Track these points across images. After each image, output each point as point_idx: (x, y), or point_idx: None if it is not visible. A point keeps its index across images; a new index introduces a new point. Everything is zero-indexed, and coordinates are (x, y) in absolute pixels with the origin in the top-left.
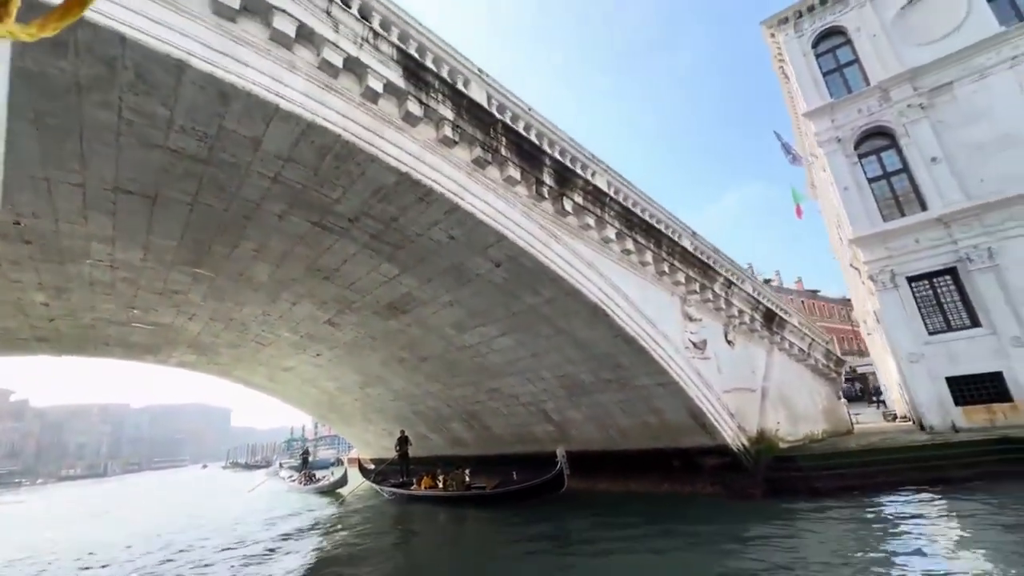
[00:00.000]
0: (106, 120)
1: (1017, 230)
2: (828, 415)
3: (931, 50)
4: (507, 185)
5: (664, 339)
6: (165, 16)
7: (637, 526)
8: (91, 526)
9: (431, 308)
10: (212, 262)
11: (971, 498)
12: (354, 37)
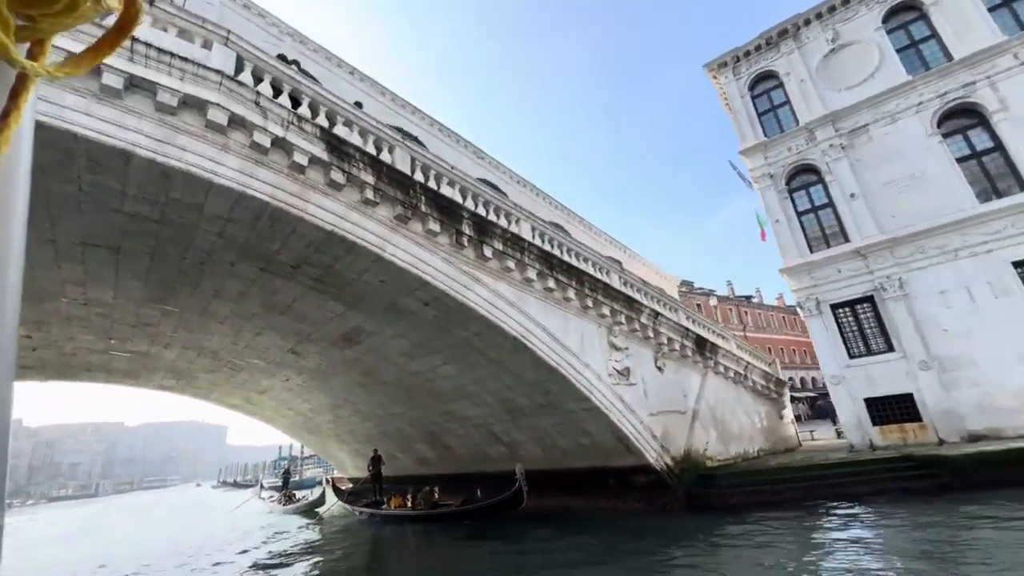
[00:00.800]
0: (69, 191)
1: (924, 262)
2: (768, 434)
3: (850, 95)
4: (428, 236)
5: (586, 368)
6: (114, 115)
7: (558, 539)
8: (64, 549)
9: (380, 339)
10: (177, 300)
11: (858, 512)
12: (281, 121)
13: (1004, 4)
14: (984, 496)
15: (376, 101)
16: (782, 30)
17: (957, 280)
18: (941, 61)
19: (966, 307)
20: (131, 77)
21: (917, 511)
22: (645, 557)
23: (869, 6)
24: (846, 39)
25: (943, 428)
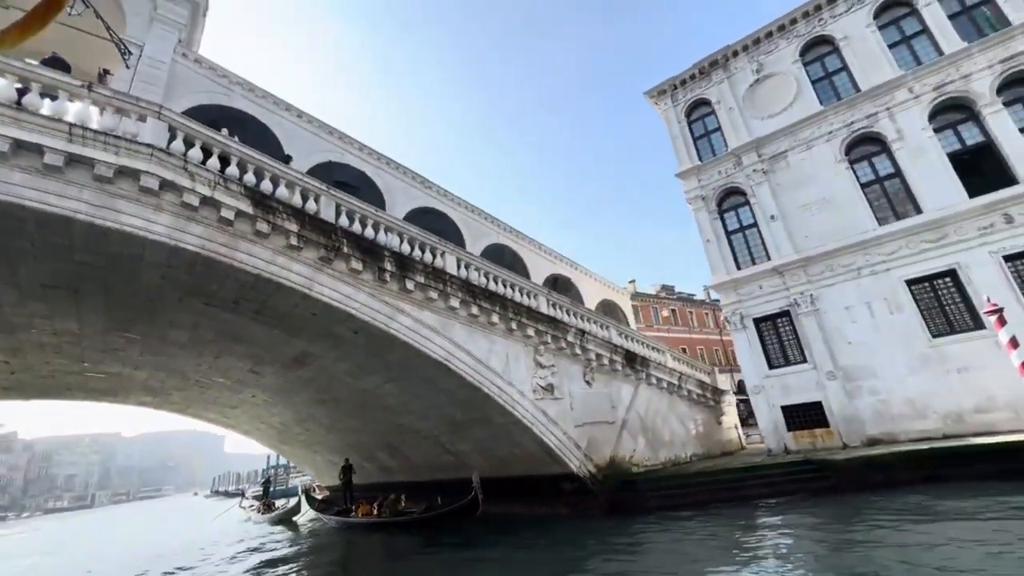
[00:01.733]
0: (23, 246)
1: (832, 279)
2: (704, 439)
3: (772, 123)
4: (352, 274)
5: (509, 385)
6: (56, 187)
7: (494, 544)
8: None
9: (326, 361)
10: (138, 328)
11: (754, 512)
12: (208, 182)
13: (903, 41)
14: (864, 496)
15: (323, 140)
16: (713, 60)
17: (860, 296)
18: (851, 92)
19: (867, 322)
20: (70, 155)
21: (804, 510)
22: (543, 554)
23: (788, 40)
24: (768, 70)
25: (847, 433)
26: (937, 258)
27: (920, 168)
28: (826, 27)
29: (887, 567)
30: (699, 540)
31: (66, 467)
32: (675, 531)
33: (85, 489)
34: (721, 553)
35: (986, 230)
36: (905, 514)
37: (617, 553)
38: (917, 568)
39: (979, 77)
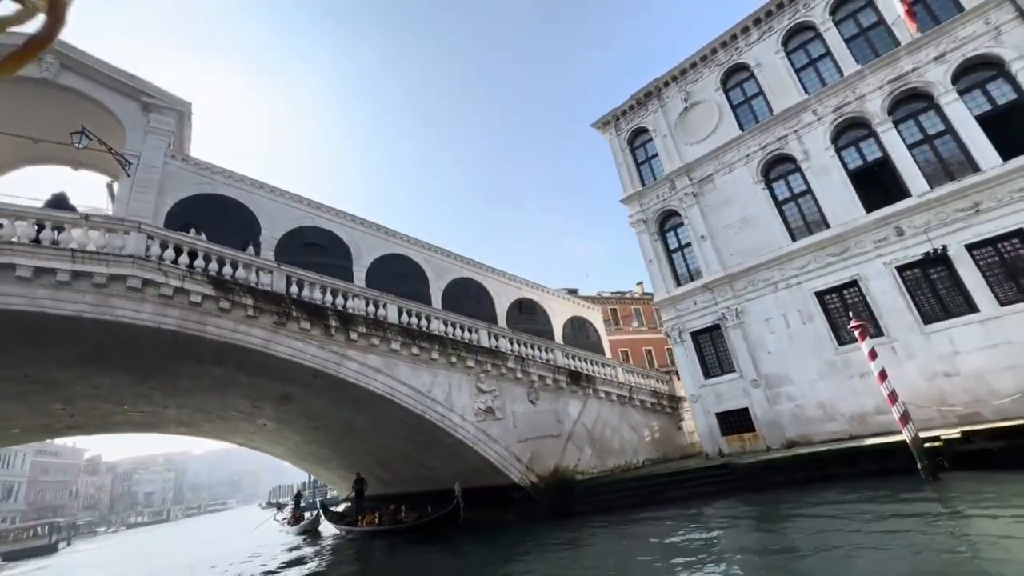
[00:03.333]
0: (54, 338)
1: (754, 294)
2: (660, 444)
3: (700, 148)
4: (303, 332)
5: (450, 412)
6: (66, 295)
7: (460, 545)
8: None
9: (304, 399)
10: (154, 380)
11: (669, 512)
12: (179, 276)
13: (810, 64)
14: (766, 494)
15: (294, 208)
16: (648, 91)
17: (777, 309)
18: (767, 116)
19: (784, 332)
20: (74, 272)
21: (712, 510)
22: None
23: (711, 68)
24: (695, 98)
25: (769, 436)
26: (841, 270)
27: (825, 186)
28: (742, 55)
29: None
30: (614, 538)
31: (144, 485)
32: (600, 532)
33: (162, 504)
34: (627, 547)
35: (881, 243)
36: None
37: (545, 550)
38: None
39: (872, 97)
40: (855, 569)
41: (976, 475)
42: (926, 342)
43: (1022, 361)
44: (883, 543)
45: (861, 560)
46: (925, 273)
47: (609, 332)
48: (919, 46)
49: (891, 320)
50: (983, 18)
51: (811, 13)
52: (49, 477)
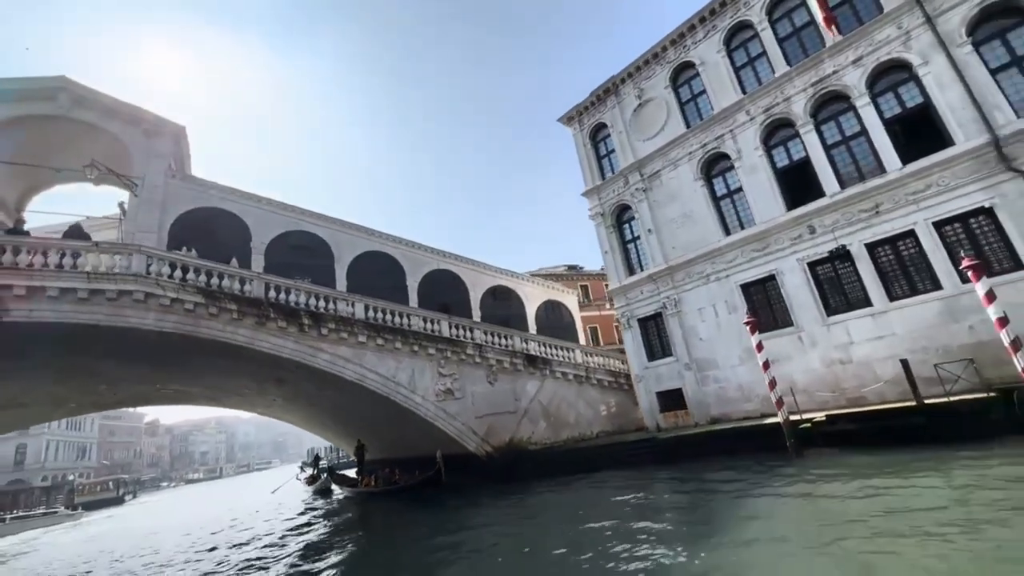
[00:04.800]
0: (88, 340)
1: (690, 285)
2: (616, 419)
3: (650, 144)
4: (280, 330)
5: (412, 393)
6: (87, 308)
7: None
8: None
9: (295, 382)
10: (170, 367)
11: (597, 476)
12: (174, 288)
13: (749, 63)
14: (679, 464)
15: (281, 215)
16: (606, 88)
17: (708, 299)
18: (710, 114)
19: (712, 321)
20: (90, 290)
21: (629, 476)
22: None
23: (662, 66)
24: (648, 95)
25: (697, 414)
26: (762, 265)
27: (753, 184)
28: (689, 53)
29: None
30: (550, 494)
31: (199, 445)
32: (540, 490)
33: (215, 463)
34: (555, 500)
35: (796, 240)
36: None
37: (496, 505)
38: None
39: (797, 99)
40: (717, 514)
41: (835, 452)
42: (827, 332)
43: (901, 351)
44: (747, 493)
45: (725, 507)
46: (831, 269)
47: (582, 309)
48: (840, 49)
49: (800, 312)
50: (896, 22)
51: (750, 12)
52: (116, 439)
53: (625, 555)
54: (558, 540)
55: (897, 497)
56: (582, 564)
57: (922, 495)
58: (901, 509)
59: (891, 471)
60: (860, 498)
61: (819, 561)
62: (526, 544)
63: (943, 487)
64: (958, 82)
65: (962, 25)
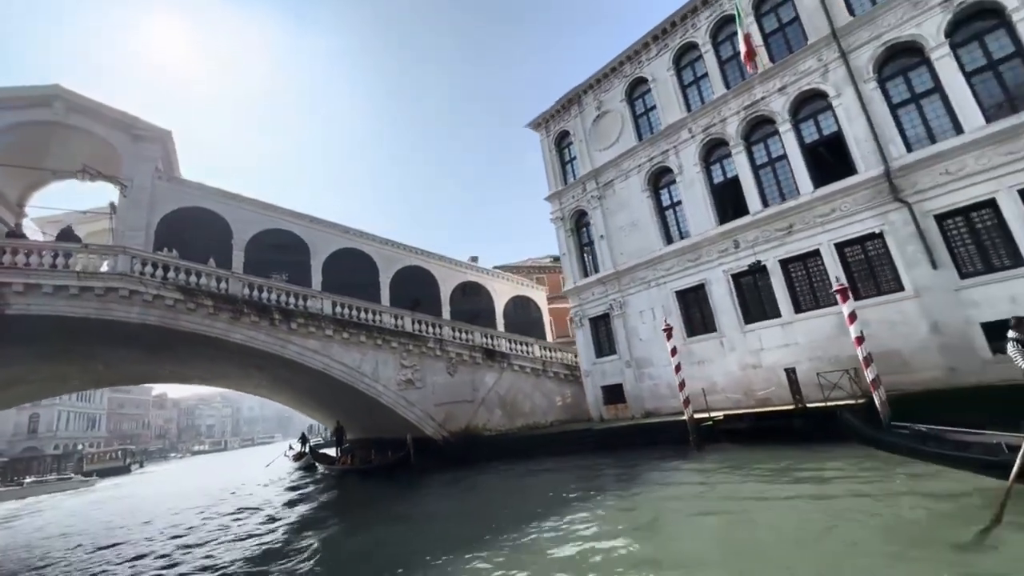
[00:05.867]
0: (77, 332)
1: (634, 289)
2: (571, 409)
3: (606, 154)
4: (253, 324)
5: (375, 382)
6: (79, 303)
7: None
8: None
9: (272, 368)
10: (160, 354)
11: (542, 462)
12: (155, 286)
13: (694, 82)
14: (611, 452)
15: (261, 215)
16: (570, 98)
17: (648, 303)
18: (659, 129)
19: (651, 323)
20: (80, 287)
21: (563, 460)
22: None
23: (620, 79)
24: (606, 107)
25: (634, 407)
26: (694, 274)
27: (691, 198)
28: (643, 69)
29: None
30: (496, 475)
31: (206, 419)
32: (489, 472)
33: (221, 436)
34: (501, 479)
35: (723, 253)
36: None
37: (453, 483)
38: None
39: (732, 121)
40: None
41: (730, 446)
42: (744, 339)
43: (802, 359)
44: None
45: (633, 486)
46: (752, 281)
47: (551, 301)
48: (769, 76)
49: (723, 319)
50: (817, 55)
51: (696, 34)
52: (125, 410)
53: (533, 520)
54: (490, 508)
55: (730, 485)
56: (505, 528)
57: (747, 482)
58: (729, 495)
59: (755, 463)
60: (705, 484)
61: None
62: (467, 511)
63: (765, 479)
64: (863, 115)
65: (870, 62)
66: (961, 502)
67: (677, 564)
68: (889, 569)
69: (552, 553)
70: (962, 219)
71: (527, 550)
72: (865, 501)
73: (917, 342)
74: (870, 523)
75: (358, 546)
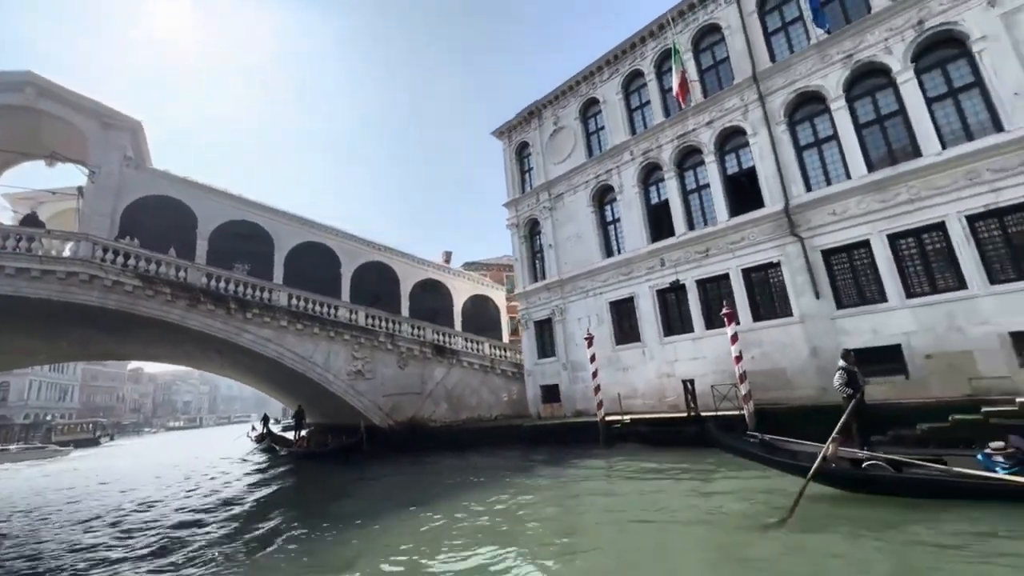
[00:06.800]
0: (40, 313)
1: (575, 297)
2: (516, 404)
3: (559, 168)
4: (209, 312)
5: (326, 372)
6: (41, 285)
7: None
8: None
9: (231, 353)
10: (120, 335)
11: (476, 453)
12: (115, 272)
13: (640, 108)
14: (539, 447)
15: (226, 205)
16: (531, 111)
17: (586, 311)
18: (607, 149)
19: (588, 329)
20: (42, 270)
21: (492, 453)
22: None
23: (576, 98)
24: (562, 123)
25: (567, 407)
26: (627, 287)
27: (628, 216)
28: (596, 90)
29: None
30: (427, 463)
31: (183, 395)
32: (424, 459)
33: (197, 412)
34: (432, 467)
35: (651, 270)
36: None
37: (397, 469)
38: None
39: (667, 148)
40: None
41: (635, 446)
42: (662, 350)
43: (708, 371)
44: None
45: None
46: (674, 298)
47: (509, 299)
48: (701, 109)
49: (647, 330)
50: (740, 95)
51: (643, 63)
52: (98, 383)
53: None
54: (420, 489)
55: (612, 477)
56: (441, 496)
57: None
58: (606, 484)
59: (642, 461)
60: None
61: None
62: (401, 489)
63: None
64: (772, 154)
65: (782, 106)
66: (771, 499)
67: (540, 519)
68: (685, 537)
69: (471, 510)
70: (844, 256)
71: (460, 511)
72: (700, 493)
73: (800, 363)
74: (694, 506)
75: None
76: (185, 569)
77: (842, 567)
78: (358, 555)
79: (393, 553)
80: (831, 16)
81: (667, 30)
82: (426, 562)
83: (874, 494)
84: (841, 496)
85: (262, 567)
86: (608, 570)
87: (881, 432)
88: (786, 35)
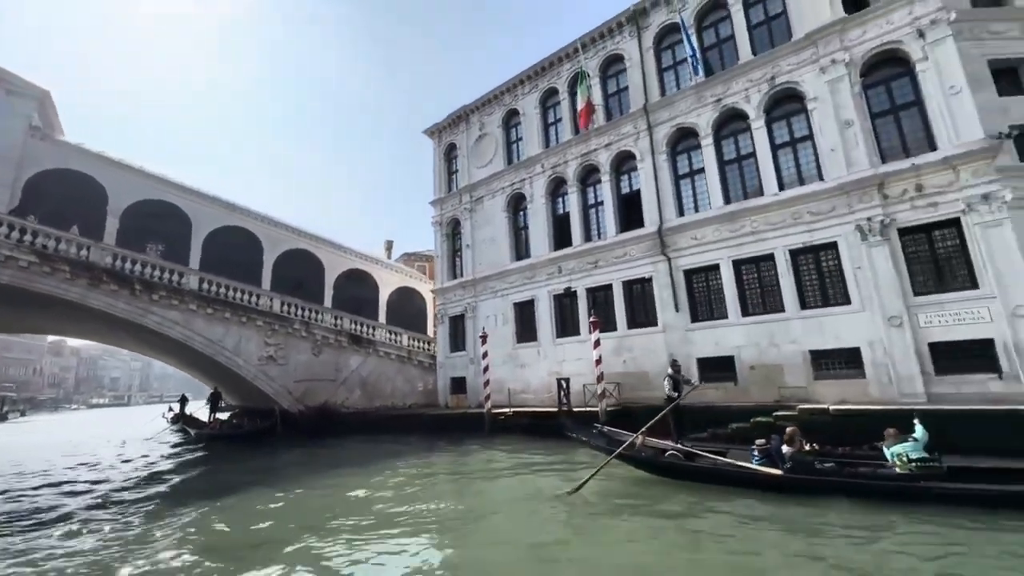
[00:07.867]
0: None
1: (486, 296)
2: (431, 394)
3: (481, 172)
4: (113, 292)
5: (236, 356)
6: None
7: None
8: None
9: (138, 332)
10: (28, 311)
11: (389, 438)
12: (9, 247)
13: (555, 123)
14: (439, 433)
15: (142, 182)
16: (460, 115)
17: (495, 310)
18: (524, 159)
19: (494, 327)
20: None
21: (398, 438)
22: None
23: (500, 107)
24: (486, 129)
25: (471, 398)
26: (528, 290)
27: (536, 224)
28: (517, 102)
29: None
30: (341, 445)
31: (111, 371)
32: (337, 442)
33: (127, 390)
34: (346, 449)
35: (550, 276)
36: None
37: (273, 451)
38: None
39: (572, 164)
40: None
41: (516, 436)
42: (555, 350)
43: (587, 371)
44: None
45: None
46: (568, 303)
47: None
48: (602, 132)
49: (543, 331)
50: (634, 122)
51: (559, 81)
52: (12, 354)
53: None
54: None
55: (480, 459)
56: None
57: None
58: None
59: (509, 447)
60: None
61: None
62: (305, 469)
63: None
64: (654, 180)
65: (664, 138)
66: (580, 475)
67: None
68: (494, 502)
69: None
70: (702, 276)
71: (358, 485)
72: (533, 470)
73: (660, 367)
74: (522, 479)
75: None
76: None
77: (594, 523)
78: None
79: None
80: (716, 59)
81: (580, 54)
82: None
83: (673, 479)
84: (649, 479)
85: None
86: (426, 524)
87: (703, 429)
88: (675, 73)
